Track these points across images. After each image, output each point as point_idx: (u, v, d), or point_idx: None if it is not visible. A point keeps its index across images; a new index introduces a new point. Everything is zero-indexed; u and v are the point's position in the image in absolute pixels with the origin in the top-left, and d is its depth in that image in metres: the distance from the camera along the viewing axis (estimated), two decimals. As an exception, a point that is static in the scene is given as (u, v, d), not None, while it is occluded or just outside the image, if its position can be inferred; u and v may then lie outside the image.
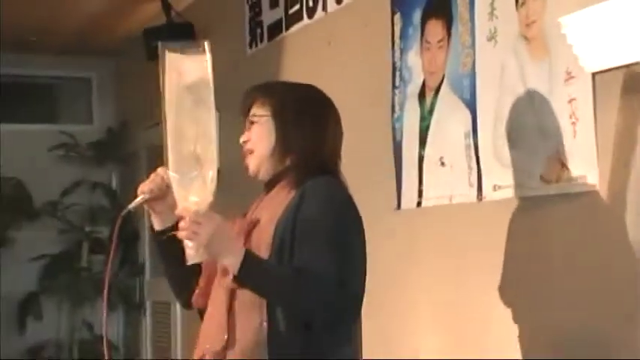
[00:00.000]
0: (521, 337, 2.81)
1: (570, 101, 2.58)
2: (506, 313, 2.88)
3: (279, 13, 4.43)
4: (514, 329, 2.86)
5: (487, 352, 3.03)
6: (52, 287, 6.33)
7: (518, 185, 2.84)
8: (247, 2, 4.81)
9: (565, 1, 2.48)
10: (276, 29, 4.47)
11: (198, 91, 2.23)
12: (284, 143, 2.41)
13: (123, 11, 5.53)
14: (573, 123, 2.57)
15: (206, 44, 2.25)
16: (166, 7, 5.18)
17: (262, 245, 2.27)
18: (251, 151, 2.43)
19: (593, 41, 2.41)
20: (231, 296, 2.31)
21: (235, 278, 2.19)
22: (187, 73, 2.24)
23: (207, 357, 2.34)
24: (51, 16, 5.64)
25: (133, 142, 6.49)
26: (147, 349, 6.29)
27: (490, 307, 2.98)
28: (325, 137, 2.46)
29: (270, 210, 2.35)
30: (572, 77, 2.57)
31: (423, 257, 3.38)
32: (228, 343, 2.29)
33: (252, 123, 2.46)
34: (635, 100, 2.39)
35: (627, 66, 2.38)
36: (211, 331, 2.36)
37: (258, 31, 4.67)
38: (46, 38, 6.19)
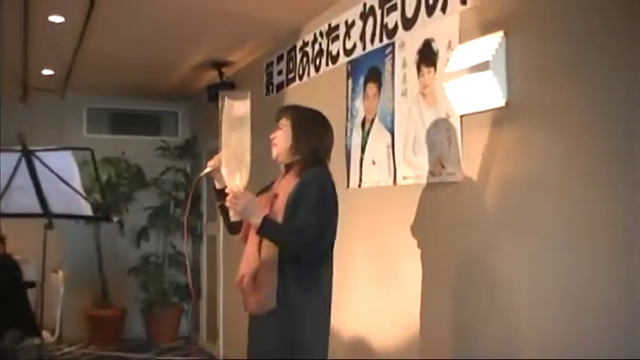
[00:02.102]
0: (423, 260, 2.92)
1: (447, 130, 2.74)
2: (413, 246, 2.98)
3: (282, 78, 4.68)
4: (417, 257, 2.95)
5: (401, 279, 3.13)
6: (154, 224, 6.84)
7: (417, 176, 2.97)
8: (265, 72, 5.02)
9: (445, 76, 2.60)
10: (281, 86, 4.71)
11: (241, 120, 2.35)
12: (296, 144, 2.50)
13: (196, 76, 5.89)
14: (449, 142, 2.73)
15: (249, 94, 2.41)
16: (220, 73, 5.55)
17: (280, 211, 2.39)
18: (275, 145, 2.53)
19: (461, 98, 2.58)
20: (260, 239, 2.43)
21: (258, 232, 2.35)
22: (236, 109, 2.36)
23: (246, 275, 2.46)
24: (158, 78, 6.09)
25: (198, 147, 6.90)
26: (203, 260, 6.79)
27: (402, 246, 3.08)
28: (321, 143, 2.55)
29: (284, 189, 2.44)
30: (449, 117, 2.73)
31: (361, 216, 3.50)
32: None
33: (279, 128, 2.54)
34: (483, 130, 2.54)
35: (479, 112, 2.56)
36: (249, 259, 2.48)
37: (271, 87, 4.91)
38: (156, 90, 6.69)
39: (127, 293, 6.92)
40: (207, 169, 2.47)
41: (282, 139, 2.53)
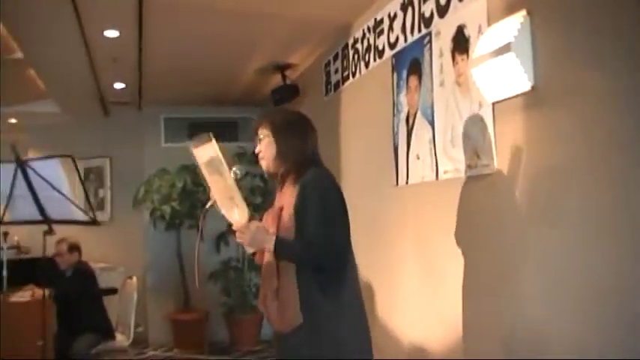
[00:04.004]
0: (465, 258, 2.84)
1: (482, 119, 2.65)
2: (456, 243, 2.91)
3: (338, 77, 4.67)
4: (460, 256, 2.88)
5: (449, 279, 3.08)
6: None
7: (456, 170, 2.90)
8: (324, 72, 5.03)
9: (472, 62, 2.52)
10: (338, 85, 4.71)
11: (212, 164, 2.32)
12: (282, 153, 2.43)
13: (263, 81, 6.02)
14: (482, 132, 2.64)
15: (211, 135, 2.33)
16: (283, 77, 5.66)
17: (289, 223, 2.33)
18: (262, 158, 2.49)
19: (489, 84, 2.49)
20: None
21: (273, 254, 2.31)
22: (201, 157, 2.35)
23: (268, 295, 2.39)
24: (226, 85, 6.26)
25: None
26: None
27: (446, 244, 3.01)
28: (307, 144, 2.45)
29: (287, 200, 2.37)
30: (482, 105, 2.65)
31: (409, 213, 3.46)
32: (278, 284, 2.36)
33: (260, 140, 2.48)
34: (514, 117, 2.45)
35: (509, 98, 2.46)
36: (266, 278, 2.42)
37: (329, 87, 4.93)
38: (228, 97, 6.86)
39: (209, 298, 7.12)
40: (211, 202, 2.41)
41: (266, 151, 2.47)
